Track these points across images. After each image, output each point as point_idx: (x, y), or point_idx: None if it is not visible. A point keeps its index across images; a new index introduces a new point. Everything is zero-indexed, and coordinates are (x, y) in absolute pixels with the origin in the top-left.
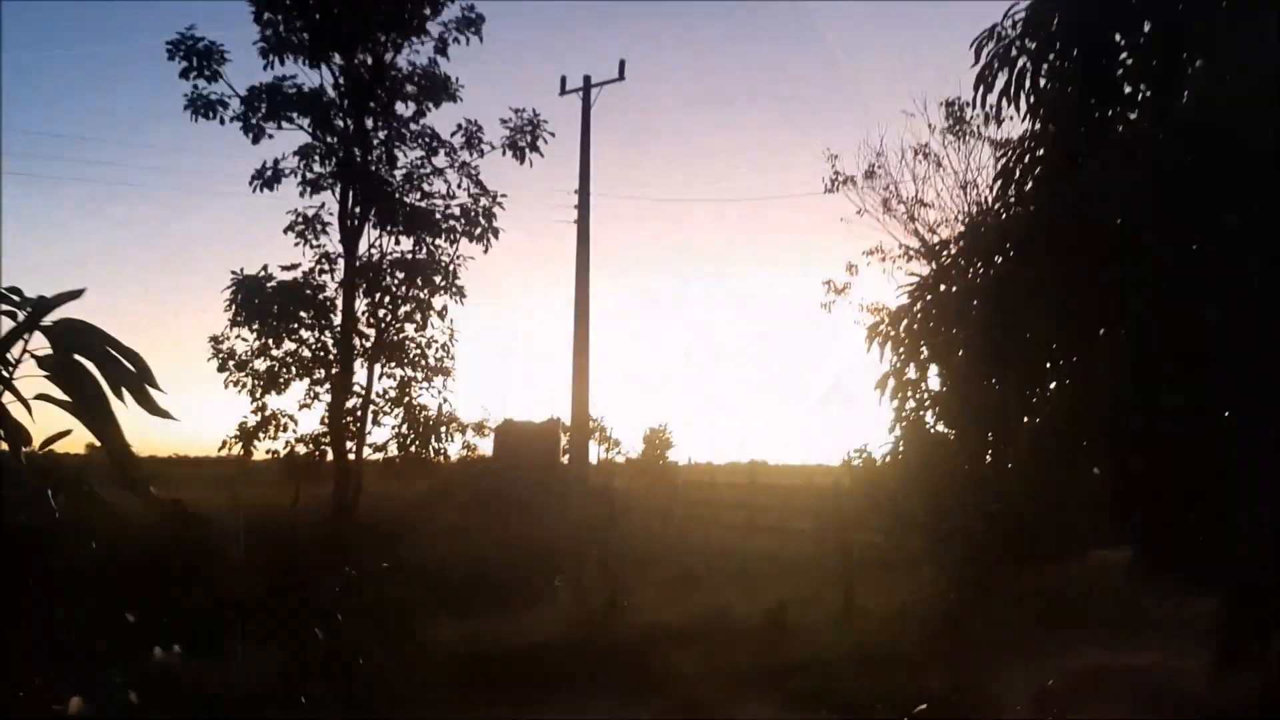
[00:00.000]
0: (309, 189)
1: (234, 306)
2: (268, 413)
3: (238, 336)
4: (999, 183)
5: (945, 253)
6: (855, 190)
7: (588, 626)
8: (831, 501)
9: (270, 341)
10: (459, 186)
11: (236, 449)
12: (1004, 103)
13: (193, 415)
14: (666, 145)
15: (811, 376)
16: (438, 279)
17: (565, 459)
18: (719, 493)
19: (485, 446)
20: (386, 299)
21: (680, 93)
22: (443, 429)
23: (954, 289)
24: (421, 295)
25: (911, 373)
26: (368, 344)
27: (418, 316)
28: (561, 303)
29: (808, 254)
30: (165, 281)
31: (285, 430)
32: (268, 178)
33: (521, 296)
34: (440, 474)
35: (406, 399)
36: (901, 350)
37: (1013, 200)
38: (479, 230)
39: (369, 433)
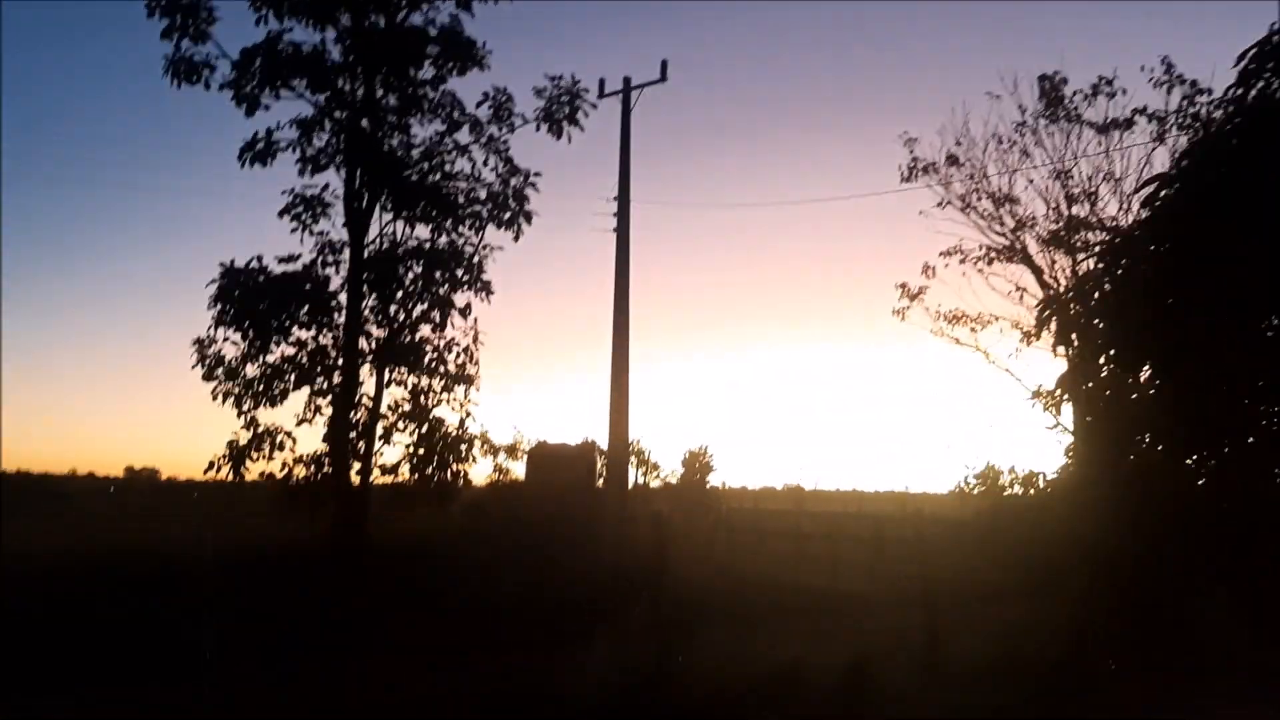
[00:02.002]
0: (309, 166)
1: (219, 303)
2: (260, 429)
3: (226, 339)
4: (1234, 90)
5: (1162, 192)
6: (937, 179)
7: (639, 691)
8: (912, 533)
9: (263, 344)
10: (485, 164)
11: (226, 470)
12: None
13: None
14: (711, 149)
15: (876, 393)
16: (460, 272)
17: (601, 483)
18: (764, 520)
19: (517, 470)
20: (399, 294)
21: (727, 94)
22: (464, 448)
23: (1165, 246)
24: (440, 291)
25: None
26: (375, 346)
27: (435, 315)
28: (599, 316)
29: (867, 262)
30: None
31: (281, 449)
32: (259, 150)
33: (556, 310)
34: (467, 499)
35: (424, 411)
36: (1086, 332)
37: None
38: (508, 214)
39: (379, 452)
